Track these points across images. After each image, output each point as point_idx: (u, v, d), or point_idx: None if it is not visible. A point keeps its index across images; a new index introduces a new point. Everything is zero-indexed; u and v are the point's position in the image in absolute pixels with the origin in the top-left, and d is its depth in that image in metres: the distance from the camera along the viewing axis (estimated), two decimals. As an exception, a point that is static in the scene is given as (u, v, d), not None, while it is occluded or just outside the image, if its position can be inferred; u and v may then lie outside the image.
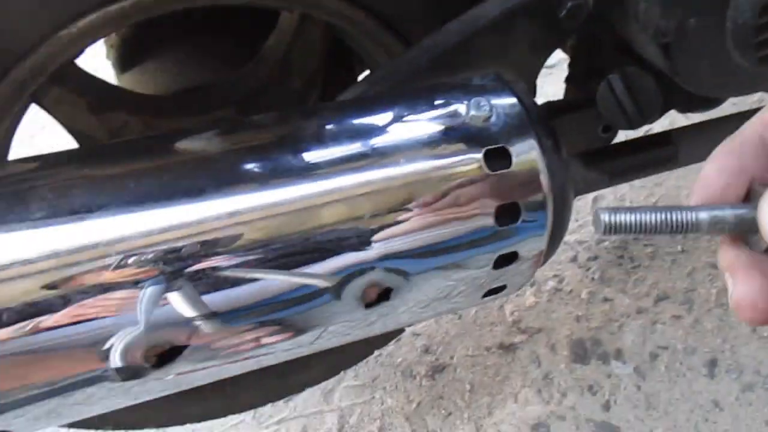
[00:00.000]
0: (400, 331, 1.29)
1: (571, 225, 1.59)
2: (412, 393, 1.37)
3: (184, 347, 0.59)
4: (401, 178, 0.62)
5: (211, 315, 0.58)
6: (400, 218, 0.62)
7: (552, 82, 1.65)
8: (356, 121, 0.65)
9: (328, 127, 0.64)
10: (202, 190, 0.58)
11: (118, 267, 0.53)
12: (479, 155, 0.64)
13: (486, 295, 0.73)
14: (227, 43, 0.92)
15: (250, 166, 0.60)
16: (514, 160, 0.65)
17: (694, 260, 1.47)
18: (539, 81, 0.81)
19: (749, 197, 0.41)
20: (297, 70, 0.86)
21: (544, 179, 0.66)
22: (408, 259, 0.64)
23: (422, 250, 0.64)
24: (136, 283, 0.55)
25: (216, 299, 0.57)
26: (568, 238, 1.58)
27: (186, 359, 0.60)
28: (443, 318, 1.48)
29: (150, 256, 0.55)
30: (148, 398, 0.65)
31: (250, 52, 0.87)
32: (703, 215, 0.40)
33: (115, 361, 0.57)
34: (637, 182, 1.64)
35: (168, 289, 0.55)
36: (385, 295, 0.65)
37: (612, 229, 0.41)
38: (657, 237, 0.36)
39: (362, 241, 0.61)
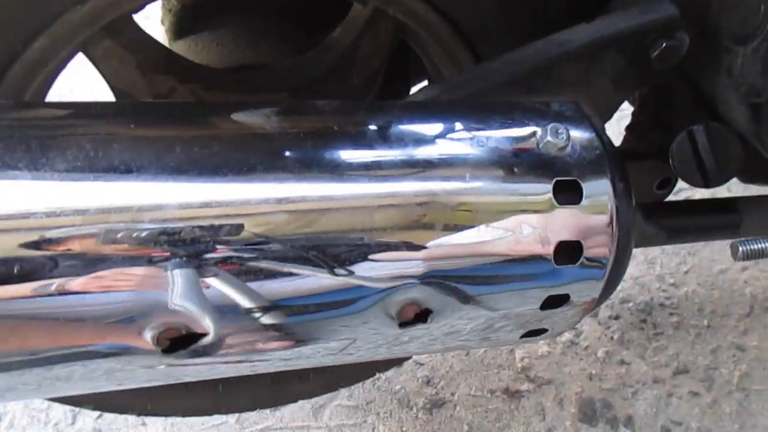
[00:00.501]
0: (406, 357, 1.23)
1: (596, 279, 1.53)
2: (406, 424, 1.31)
3: (200, 336, 0.53)
4: (464, 193, 0.57)
5: (234, 307, 0.53)
6: (455, 236, 0.57)
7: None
8: (426, 126, 0.60)
9: (396, 126, 0.59)
10: (251, 168, 0.53)
11: (139, 237, 0.48)
12: (549, 185, 0.59)
13: (525, 336, 0.67)
14: (291, 26, 0.88)
15: (305, 152, 0.55)
16: (585, 196, 0.60)
17: (720, 338, 1.41)
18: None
19: None
20: (359, 66, 0.82)
21: (611, 223, 0.61)
22: (455, 282, 0.59)
23: (472, 275, 0.59)
24: (157, 259, 0.50)
25: (244, 291, 0.52)
26: (591, 292, 1.52)
27: (200, 350, 0.55)
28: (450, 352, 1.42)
29: (179, 231, 0.50)
30: (143, 384, 0.60)
31: (314, 41, 0.83)
32: None
33: (122, 337, 0.52)
34: (669, 248, 1.59)
35: (190, 271, 0.50)
36: (422, 316, 0.60)
37: (747, 255, 0.56)
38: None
39: (410, 253, 0.56)
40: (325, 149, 0.56)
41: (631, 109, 0.96)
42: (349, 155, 0.56)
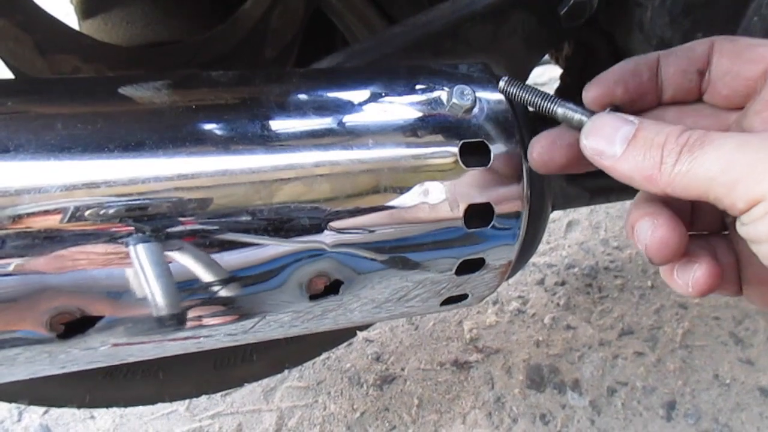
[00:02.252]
0: (352, 334, 1.23)
1: (542, 247, 1.54)
2: (357, 401, 1.31)
3: (98, 318, 0.52)
4: (367, 162, 0.56)
5: (132, 286, 0.51)
6: (359, 206, 0.56)
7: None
8: (326, 94, 0.59)
9: (295, 95, 0.57)
10: (139, 145, 0.51)
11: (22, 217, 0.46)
12: (455, 148, 0.58)
13: (445, 302, 0.67)
14: (202, 1, 0.85)
15: (198, 126, 0.53)
16: (493, 158, 0.59)
17: (663, 297, 1.42)
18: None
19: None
20: (272, 38, 0.80)
21: (522, 184, 0.60)
22: (363, 252, 0.57)
23: (380, 244, 0.57)
24: (42, 237, 0.48)
25: (139, 269, 0.51)
26: (537, 260, 1.53)
27: (100, 333, 0.53)
28: (399, 326, 1.42)
29: (66, 209, 0.48)
30: (87, 366, 0.58)
31: (225, 14, 0.80)
32: (560, 110, 0.52)
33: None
34: (613, 211, 1.61)
35: (77, 248, 0.48)
36: (333, 288, 0.58)
37: (504, 92, 0.56)
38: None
39: (314, 225, 0.55)
40: (220, 121, 0.54)
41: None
42: (247, 127, 0.54)
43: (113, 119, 0.52)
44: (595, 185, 0.81)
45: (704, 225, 0.54)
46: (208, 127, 0.53)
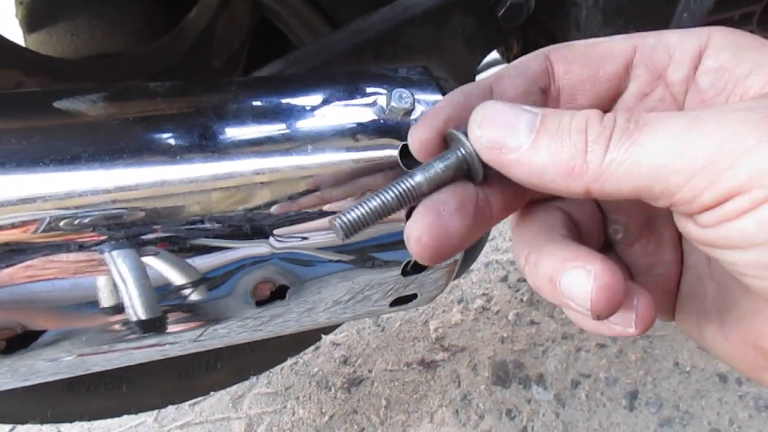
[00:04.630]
0: (317, 338, 1.23)
1: (504, 244, 1.56)
2: (325, 405, 1.31)
3: (38, 333, 0.52)
4: (307, 167, 0.57)
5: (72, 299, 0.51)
6: (301, 211, 0.56)
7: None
8: (265, 101, 0.59)
9: (233, 103, 0.58)
10: (75, 157, 0.51)
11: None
12: (395, 151, 0.59)
13: (395, 303, 0.67)
14: (147, 11, 0.85)
15: (136, 137, 0.53)
16: (433, 159, 0.60)
17: (624, 290, 1.45)
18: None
19: (447, 144, 0.41)
20: (218, 47, 0.80)
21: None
22: (307, 257, 0.58)
23: (324, 249, 0.58)
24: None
25: (79, 282, 0.51)
26: (500, 257, 1.54)
27: (43, 346, 0.53)
28: (366, 328, 1.42)
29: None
30: (50, 377, 0.58)
31: (171, 25, 0.80)
32: (419, 177, 0.39)
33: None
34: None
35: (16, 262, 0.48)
36: (280, 293, 0.59)
37: (351, 230, 0.40)
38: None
39: (255, 232, 0.55)
40: (157, 132, 0.54)
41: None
42: (185, 136, 0.55)
43: (48, 133, 0.52)
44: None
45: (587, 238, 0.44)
46: (146, 138, 0.53)
